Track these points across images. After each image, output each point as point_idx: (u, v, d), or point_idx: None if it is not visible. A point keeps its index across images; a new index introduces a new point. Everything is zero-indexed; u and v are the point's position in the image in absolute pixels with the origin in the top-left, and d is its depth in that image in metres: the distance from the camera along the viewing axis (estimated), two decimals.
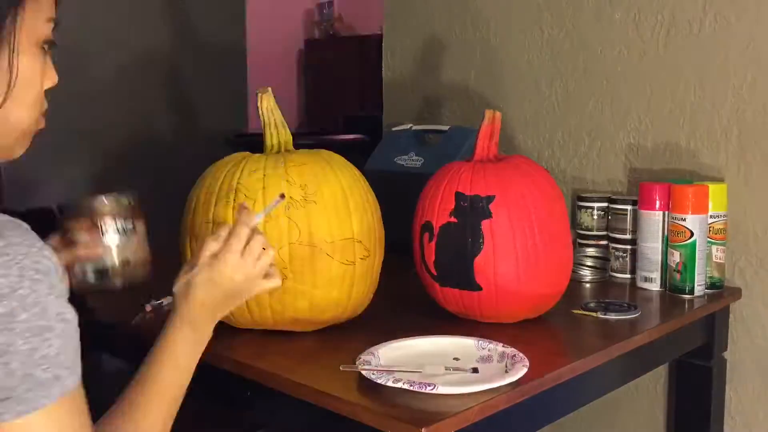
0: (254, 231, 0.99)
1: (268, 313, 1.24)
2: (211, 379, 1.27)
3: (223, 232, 0.99)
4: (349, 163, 1.33)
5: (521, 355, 1.11)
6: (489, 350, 1.15)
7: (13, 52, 0.76)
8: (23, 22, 0.77)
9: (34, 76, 0.79)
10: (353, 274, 1.24)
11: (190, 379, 0.94)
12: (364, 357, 1.10)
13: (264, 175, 1.22)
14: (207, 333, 0.97)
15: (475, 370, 1.09)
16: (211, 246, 0.98)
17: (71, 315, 0.71)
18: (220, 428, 1.55)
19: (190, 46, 3.02)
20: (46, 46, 0.81)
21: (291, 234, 1.20)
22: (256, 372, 1.14)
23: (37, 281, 0.67)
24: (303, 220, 1.20)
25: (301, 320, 1.24)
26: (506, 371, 1.08)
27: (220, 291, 0.96)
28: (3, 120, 0.77)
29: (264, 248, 0.99)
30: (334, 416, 1.03)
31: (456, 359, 1.13)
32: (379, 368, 1.07)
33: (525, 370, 1.07)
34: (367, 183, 1.34)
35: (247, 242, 0.98)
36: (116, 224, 1.10)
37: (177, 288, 0.97)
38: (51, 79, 0.83)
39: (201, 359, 0.95)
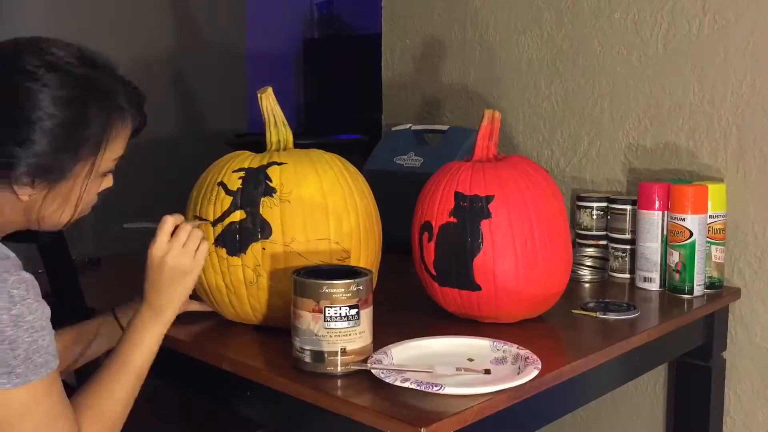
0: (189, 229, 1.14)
1: (248, 309, 1.26)
2: (211, 379, 1.27)
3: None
4: (339, 162, 1.32)
5: (534, 357, 1.11)
6: (504, 352, 1.15)
7: (82, 186, 1.02)
8: (100, 162, 1.03)
9: (92, 198, 1.07)
10: None
11: (151, 357, 1.10)
12: (376, 356, 1.10)
13: (245, 174, 1.25)
14: (167, 318, 1.12)
15: (487, 372, 1.08)
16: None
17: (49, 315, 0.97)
18: (220, 428, 1.55)
19: (190, 46, 3.02)
20: (115, 162, 1.07)
21: (263, 232, 1.22)
22: (255, 372, 1.14)
23: (35, 293, 0.95)
24: (276, 220, 1.22)
25: (281, 317, 1.25)
26: (518, 373, 1.08)
27: (169, 277, 1.11)
28: (52, 218, 1.03)
29: (194, 241, 1.14)
30: (334, 416, 1.03)
31: (470, 360, 1.13)
32: (389, 367, 1.07)
33: (536, 372, 1.07)
34: (360, 184, 1.32)
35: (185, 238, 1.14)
36: None
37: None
38: (107, 184, 1.09)
39: (194, 354, 1.06)
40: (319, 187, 1.25)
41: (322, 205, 1.24)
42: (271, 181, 1.24)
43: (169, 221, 1.13)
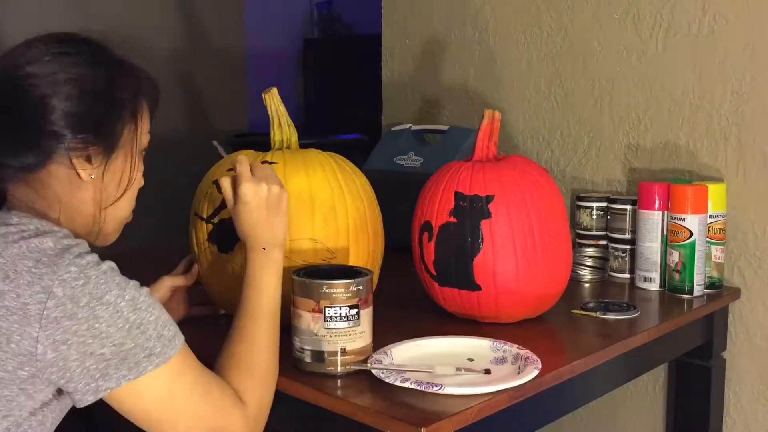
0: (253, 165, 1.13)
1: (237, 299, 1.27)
2: None
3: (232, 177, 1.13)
4: (334, 163, 1.32)
5: (534, 357, 1.11)
6: (504, 352, 1.15)
7: (133, 157, 1.02)
8: (140, 133, 1.03)
9: (140, 176, 1.05)
10: None
11: (277, 295, 1.08)
12: (376, 356, 1.10)
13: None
14: (277, 252, 1.10)
15: (487, 372, 1.08)
16: (226, 184, 1.12)
17: None
18: None
19: (190, 46, 3.02)
20: (144, 153, 1.06)
21: None
22: None
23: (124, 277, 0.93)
24: None
25: None
26: (518, 373, 1.08)
27: (254, 210, 1.09)
28: (114, 211, 1.02)
29: (270, 174, 1.13)
30: (334, 416, 1.03)
31: (470, 360, 1.13)
32: (389, 367, 1.07)
33: (536, 372, 1.07)
34: (353, 184, 1.31)
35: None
36: None
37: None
38: (140, 183, 1.07)
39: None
40: (306, 186, 1.25)
41: (307, 204, 1.24)
42: None
43: (245, 159, 1.12)
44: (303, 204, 1.24)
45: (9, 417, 0.88)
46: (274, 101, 1.36)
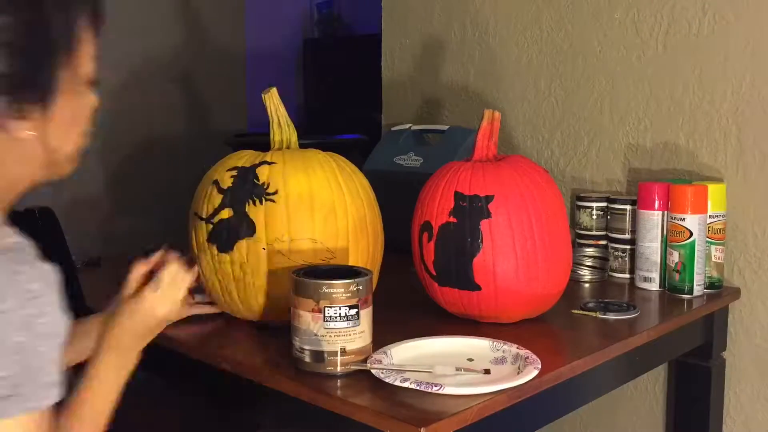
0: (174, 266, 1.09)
1: (239, 304, 1.29)
2: (210, 379, 1.27)
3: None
4: (334, 163, 1.32)
5: (534, 356, 1.11)
6: (503, 352, 1.15)
7: (76, 93, 0.90)
8: (80, 65, 0.90)
9: (84, 109, 0.94)
10: None
11: (116, 396, 1.00)
12: (375, 356, 1.10)
13: (236, 172, 1.28)
14: (131, 360, 1.04)
15: (487, 372, 1.08)
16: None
17: None
18: (219, 428, 1.55)
19: (190, 46, 3.01)
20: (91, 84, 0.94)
21: (247, 230, 1.24)
22: (254, 372, 1.14)
23: (54, 290, 0.82)
24: (260, 218, 1.24)
25: (270, 313, 1.27)
26: (518, 373, 1.08)
27: (142, 324, 1.05)
28: (66, 146, 0.92)
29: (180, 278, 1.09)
30: (334, 416, 1.03)
31: (470, 360, 1.13)
32: (389, 367, 1.07)
33: (536, 372, 1.07)
34: (353, 184, 1.31)
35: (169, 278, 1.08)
36: None
37: (105, 320, 1.07)
38: (93, 104, 0.95)
39: (194, 354, 1.04)
40: (306, 186, 1.25)
41: (307, 204, 1.24)
42: (258, 180, 1.25)
43: (175, 265, 1.09)
44: (303, 205, 1.24)
45: None
46: (273, 101, 1.36)
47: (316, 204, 1.25)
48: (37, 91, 0.86)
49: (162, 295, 1.07)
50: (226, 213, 1.25)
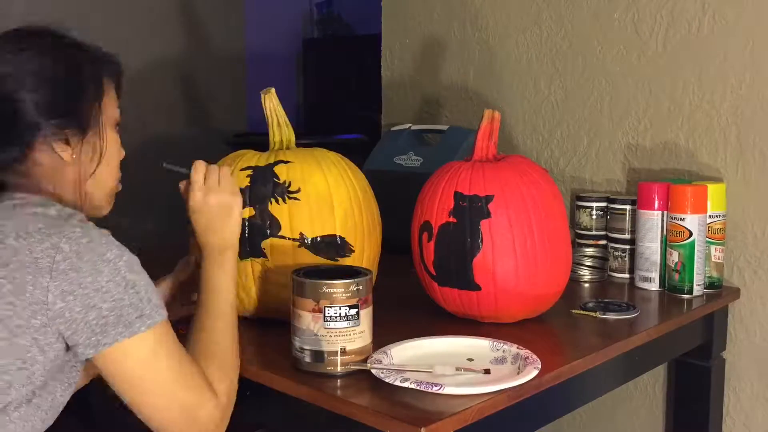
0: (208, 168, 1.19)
1: (255, 302, 1.29)
2: None
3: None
4: (342, 161, 1.35)
5: (534, 356, 1.11)
6: (503, 351, 1.15)
7: (103, 131, 1.08)
8: (105, 109, 1.09)
9: (115, 149, 1.13)
10: None
11: (230, 294, 1.14)
12: (375, 356, 1.10)
13: (253, 172, 1.29)
14: (226, 255, 1.16)
15: (487, 372, 1.08)
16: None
17: None
18: None
19: (190, 46, 3.01)
20: (117, 127, 1.14)
21: (272, 228, 1.26)
22: (254, 372, 1.14)
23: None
24: (285, 216, 1.25)
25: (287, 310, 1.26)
26: (518, 373, 1.08)
27: (204, 217, 1.16)
28: (96, 183, 1.09)
29: (225, 177, 1.19)
30: (334, 416, 1.03)
31: (470, 360, 1.13)
32: (389, 367, 1.07)
33: (536, 372, 1.07)
34: (362, 182, 1.35)
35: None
36: None
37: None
38: (122, 153, 1.15)
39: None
40: (324, 184, 1.28)
41: (328, 201, 1.27)
42: (278, 179, 1.27)
43: (201, 165, 1.18)
44: (324, 201, 1.27)
45: (23, 370, 0.93)
46: (272, 101, 1.37)
47: (335, 200, 1.27)
48: (74, 119, 1.04)
49: (204, 188, 1.16)
50: (246, 212, 1.26)
